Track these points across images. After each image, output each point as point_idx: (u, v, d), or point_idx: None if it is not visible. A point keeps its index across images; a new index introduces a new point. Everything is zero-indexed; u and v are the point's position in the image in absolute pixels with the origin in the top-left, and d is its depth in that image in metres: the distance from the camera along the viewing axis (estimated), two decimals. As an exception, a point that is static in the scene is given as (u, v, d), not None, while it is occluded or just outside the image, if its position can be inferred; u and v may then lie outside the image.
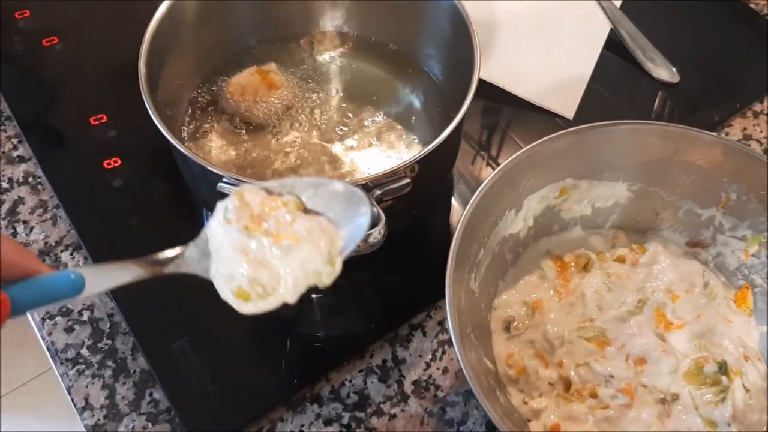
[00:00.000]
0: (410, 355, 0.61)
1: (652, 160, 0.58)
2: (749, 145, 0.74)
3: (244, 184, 0.47)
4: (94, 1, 0.83)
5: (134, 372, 0.60)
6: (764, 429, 0.53)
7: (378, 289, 0.67)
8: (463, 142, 0.72)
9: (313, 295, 0.66)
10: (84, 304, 0.63)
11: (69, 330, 0.62)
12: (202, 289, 0.65)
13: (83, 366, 0.60)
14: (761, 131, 0.76)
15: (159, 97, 0.60)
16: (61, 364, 0.60)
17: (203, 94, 0.70)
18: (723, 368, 0.53)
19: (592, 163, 0.58)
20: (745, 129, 0.76)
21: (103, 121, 0.73)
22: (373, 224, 0.50)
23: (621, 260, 0.60)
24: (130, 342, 0.61)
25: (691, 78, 0.78)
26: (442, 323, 0.63)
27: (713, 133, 0.56)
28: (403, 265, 0.66)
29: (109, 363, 0.60)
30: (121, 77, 0.74)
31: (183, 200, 0.68)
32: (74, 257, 0.66)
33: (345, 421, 0.58)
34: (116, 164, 0.70)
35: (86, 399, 0.58)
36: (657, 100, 0.77)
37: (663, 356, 0.54)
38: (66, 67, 0.77)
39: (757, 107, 0.77)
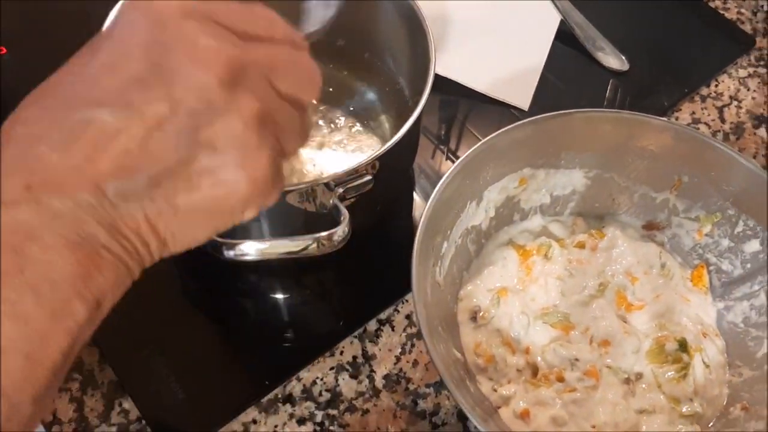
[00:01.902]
0: (380, 350, 0.61)
1: (607, 147, 0.59)
2: (698, 129, 0.76)
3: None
4: (42, 7, 0.81)
5: (102, 383, 0.59)
6: (724, 402, 0.55)
7: (344, 287, 0.67)
8: (422, 137, 0.73)
9: (279, 296, 0.66)
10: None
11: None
12: (166, 297, 0.64)
13: (49, 380, 0.59)
14: (709, 114, 0.78)
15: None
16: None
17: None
18: (683, 346, 0.55)
19: (549, 152, 0.59)
20: (693, 113, 0.78)
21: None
22: (337, 222, 0.51)
23: (581, 246, 0.61)
24: (97, 353, 0.60)
25: (640, 65, 0.80)
26: (409, 317, 0.63)
27: (664, 119, 0.58)
28: (369, 261, 0.66)
29: (76, 375, 0.59)
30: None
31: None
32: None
33: (318, 419, 0.58)
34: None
35: (54, 413, 0.57)
36: (608, 88, 0.79)
37: (626, 337, 0.55)
38: (14, 77, 0.76)
39: (704, 91, 0.80)
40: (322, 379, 0.60)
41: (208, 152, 0.32)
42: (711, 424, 0.54)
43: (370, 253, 0.66)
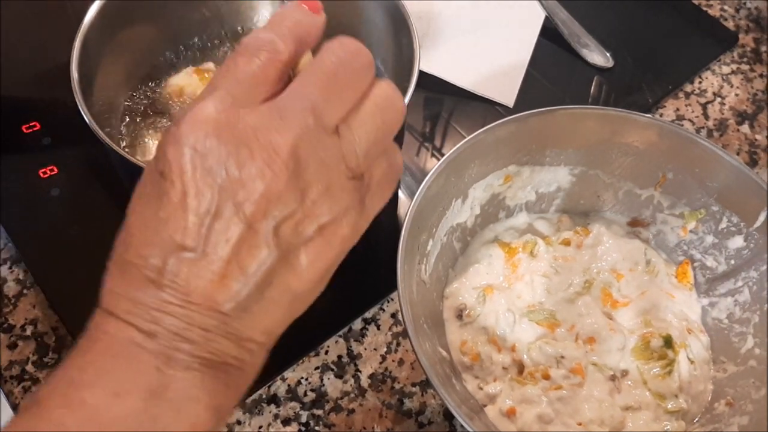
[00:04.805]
0: (365, 349, 0.61)
1: (592, 144, 0.59)
2: (682, 125, 0.77)
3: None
4: (19, 4, 0.80)
5: (83, 385, 0.58)
6: (709, 398, 0.55)
7: (329, 285, 0.66)
8: (407, 135, 0.72)
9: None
10: (27, 319, 0.61)
11: (12, 346, 0.60)
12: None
13: (29, 383, 0.58)
14: (693, 111, 0.78)
15: (94, 102, 0.58)
16: (6, 381, 0.58)
17: (140, 97, 0.68)
18: (668, 342, 0.55)
19: (534, 150, 0.59)
20: (677, 110, 0.78)
21: (36, 128, 0.70)
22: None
23: (566, 243, 0.61)
24: (78, 354, 0.59)
25: (625, 62, 0.80)
26: (395, 315, 0.63)
27: (648, 115, 0.58)
28: (354, 259, 0.65)
29: (57, 377, 0.58)
30: (53, 83, 0.72)
31: (124, 207, 0.66)
32: (13, 270, 0.64)
33: (303, 419, 0.58)
34: (52, 173, 0.68)
35: (34, 416, 0.57)
36: (593, 84, 0.79)
37: (611, 334, 0.55)
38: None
39: (688, 88, 0.80)
40: (307, 379, 0.59)
41: (298, 244, 0.34)
42: (696, 419, 0.54)
43: (355, 251, 0.65)
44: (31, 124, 0.71)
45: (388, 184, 0.38)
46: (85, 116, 0.54)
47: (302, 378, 0.59)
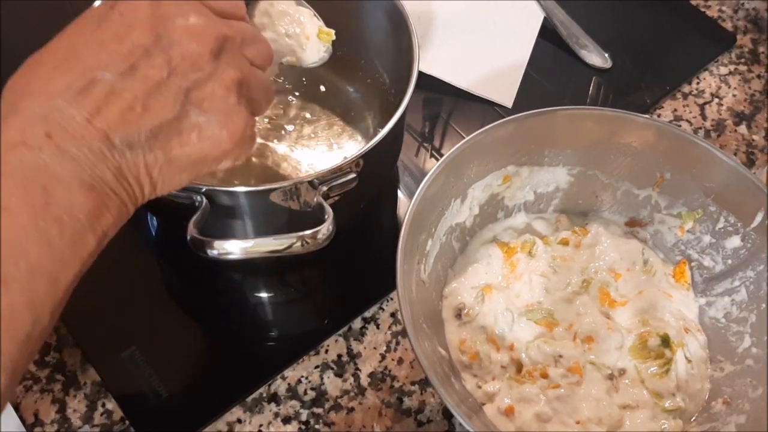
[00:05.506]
0: (365, 348, 0.61)
1: (590, 144, 0.59)
2: (680, 126, 0.77)
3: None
4: (19, 4, 0.80)
5: (85, 384, 0.58)
6: (706, 397, 0.56)
7: (329, 285, 0.67)
8: (406, 135, 0.73)
9: (264, 295, 0.66)
10: (27, 318, 0.62)
11: (13, 345, 0.60)
12: (149, 296, 0.64)
13: (30, 381, 0.58)
14: (690, 112, 0.79)
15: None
16: (7, 380, 0.59)
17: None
18: (665, 341, 0.56)
19: (533, 150, 0.59)
20: (675, 110, 0.79)
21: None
22: (321, 221, 0.51)
23: (565, 243, 0.61)
24: (79, 354, 0.60)
25: (623, 63, 0.80)
26: (394, 315, 0.63)
27: (646, 116, 0.58)
28: (353, 259, 0.66)
29: (58, 377, 0.59)
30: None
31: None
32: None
33: (303, 418, 0.58)
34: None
35: (36, 415, 0.57)
36: (591, 85, 0.79)
37: (609, 333, 0.56)
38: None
39: (686, 89, 0.80)
40: (307, 378, 0.60)
41: (197, 111, 0.38)
42: (693, 418, 0.55)
43: (354, 251, 0.66)
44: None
45: (267, 95, 0.44)
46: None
47: (302, 377, 0.60)
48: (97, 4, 0.40)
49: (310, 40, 0.55)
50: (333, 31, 0.56)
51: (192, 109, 0.38)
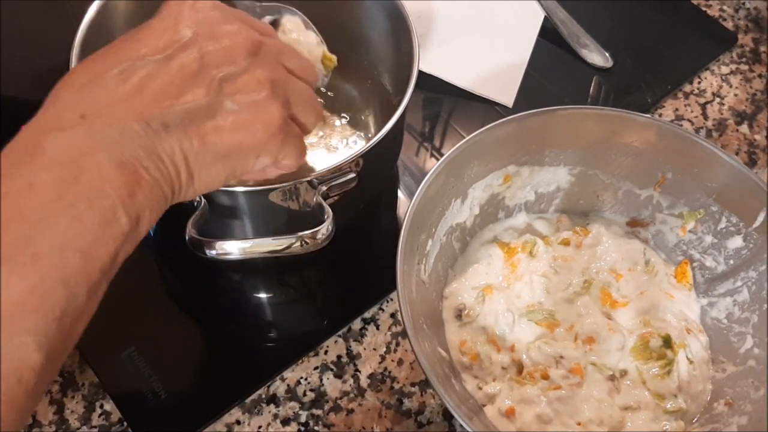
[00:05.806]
0: (365, 349, 0.61)
1: (591, 144, 0.59)
2: (681, 125, 0.77)
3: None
4: (19, 4, 0.80)
5: (83, 385, 0.58)
6: (708, 398, 0.55)
7: (329, 285, 0.67)
8: (406, 135, 0.72)
9: (263, 295, 0.65)
10: (25, 319, 0.61)
11: (11, 346, 0.60)
12: (147, 296, 0.64)
13: (28, 382, 0.58)
14: (692, 111, 0.78)
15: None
16: (5, 381, 0.58)
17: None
18: (667, 342, 0.55)
19: (534, 150, 0.59)
20: (677, 110, 0.79)
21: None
22: (321, 221, 0.50)
23: (566, 243, 0.61)
24: (77, 355, 0.59)
25: (624, 62, 0.80)
26: (394, 315, 0.63)
27: (647, 115, 0.58)
28: (353, 259, 0.66)
29: (56, 378, 0.58)
30: (53, 83, 0.72)
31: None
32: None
33: (303, 419, 0.58)
34: (52, 173, 0.68)
35: (33, 416, 0.57)
36: (592, 85, 0.79)
37: (610, 334, 0.55)
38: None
39: (687, 88, 0.80)
40: (306, 379, 0.59)
41: (230, 101, 0.39)
42: (695, 419, 0.54)
43: (354, 251, 0.66)
44: (30, 124, 0.71)
45: (312, 106, 0.45)
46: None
47: (301, 378, 0.59)
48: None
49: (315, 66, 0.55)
50: (335, 57, 0.57)
51: (225, 99, 0.39)
